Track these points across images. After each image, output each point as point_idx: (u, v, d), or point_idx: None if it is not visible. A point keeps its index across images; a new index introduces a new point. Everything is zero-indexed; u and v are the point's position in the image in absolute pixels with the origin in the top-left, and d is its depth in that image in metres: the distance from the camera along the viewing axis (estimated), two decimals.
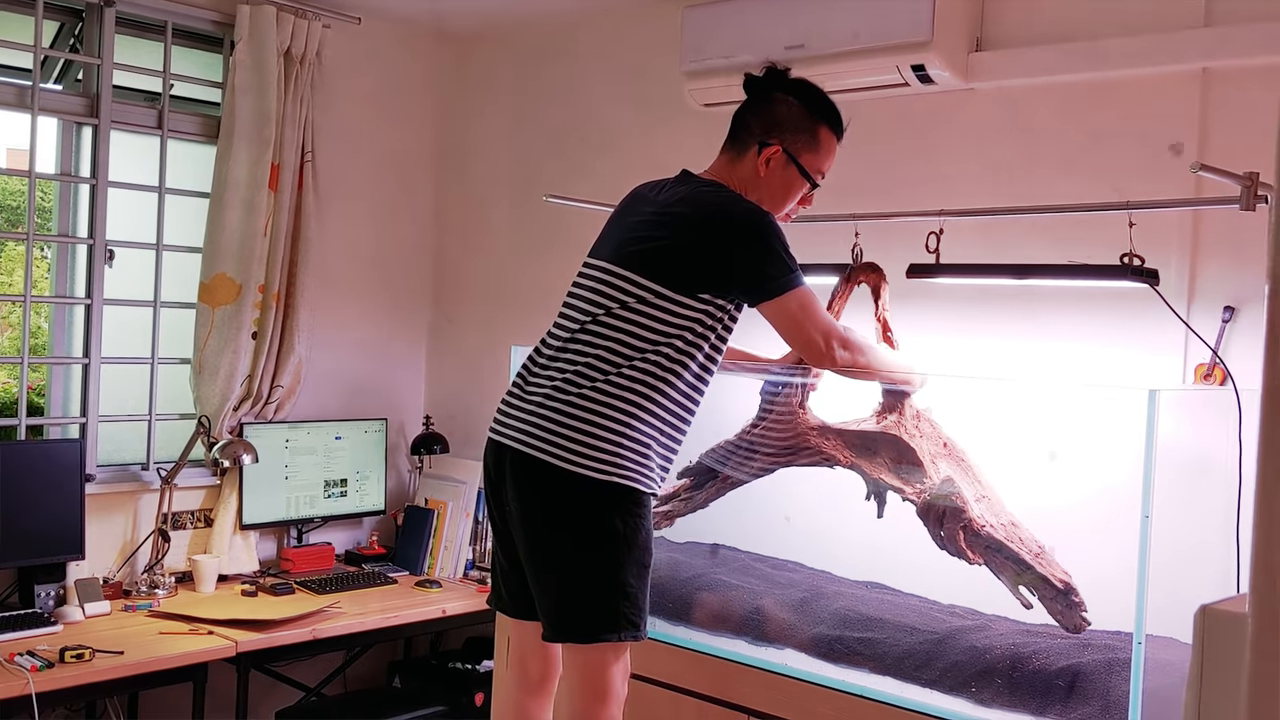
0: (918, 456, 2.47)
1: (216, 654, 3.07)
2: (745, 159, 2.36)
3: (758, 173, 2.35)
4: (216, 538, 3.68)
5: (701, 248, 2.24)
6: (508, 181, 4.19)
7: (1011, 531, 2.36)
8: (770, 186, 2.36)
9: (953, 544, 2.39)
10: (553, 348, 2.29)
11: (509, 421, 2.28)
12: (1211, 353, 2.52)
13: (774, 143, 2.34)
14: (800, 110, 2.36)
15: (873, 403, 2.61)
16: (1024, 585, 2.31)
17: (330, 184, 3.93)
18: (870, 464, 2.54)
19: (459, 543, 3.92)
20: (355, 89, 4.07)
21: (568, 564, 2.21)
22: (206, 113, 3.80)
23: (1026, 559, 2.32)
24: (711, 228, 2.25)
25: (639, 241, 2.27)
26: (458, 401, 4.29)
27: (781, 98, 2.37)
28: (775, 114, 2.36)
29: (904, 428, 2.51)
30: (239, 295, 3.66)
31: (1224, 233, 2.62)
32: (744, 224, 2.24)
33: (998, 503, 2.43)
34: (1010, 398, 2.62)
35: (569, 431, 2.18)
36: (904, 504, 2.50)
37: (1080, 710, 2.22)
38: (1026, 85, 2.93)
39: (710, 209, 2.27)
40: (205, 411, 3.65)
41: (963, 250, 2.67)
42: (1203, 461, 2.47)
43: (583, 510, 2.18)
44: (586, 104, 3.95)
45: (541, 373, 2.28)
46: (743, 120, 2.39)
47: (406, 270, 4.35)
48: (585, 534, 2.18)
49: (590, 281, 2.31)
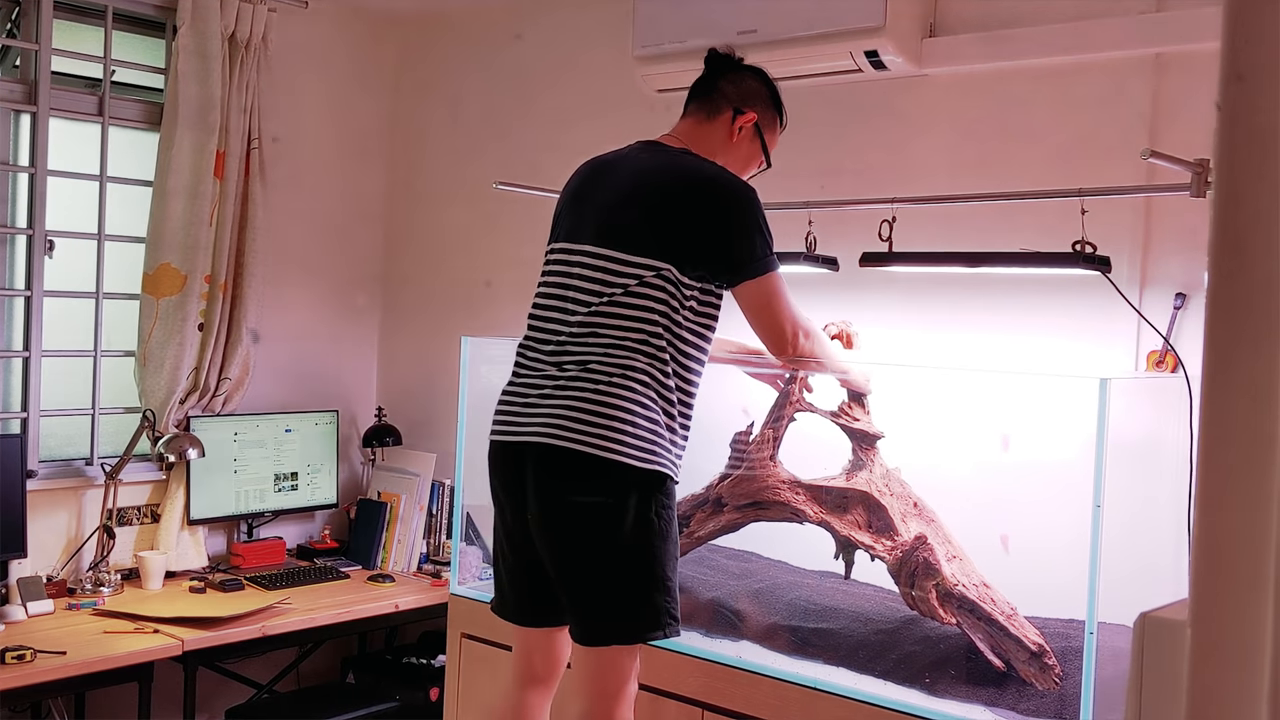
0: (889, 515, 2.45)
1: (162, 653, 3.01)
2: (717, 122, 2.33)
3: (729, 137, 2.33)
4: (164, 534, 3.61)
5: (696, 220, 2.18)
6: (458, 169, 4.13)
7: (984, 592, 2.34)
8: (737, 154, 2.34)
9: (925, 604, 2.36)
10: (557, 339, 2.21)
11: (525, 420, 2.18)
12: (1163, 340, 2.52)
13: (748, 111, 2.33)
14: (765, 91, 2.39)
15: (843, 459, 2.57)
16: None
17: (278, 171, 3.86)
18: (840, 521, 2.51)
19: (413, 536, 3.87)
20: (302, 75, 4.00)
21: (606, 562, 2.12)
22: (149, 99, 3.72)
23: (1000, 620, 2.30)
24: (704, 200, 2.20)
25: (628, 219, 2.20)
26: (411, 392, 4.24)
27: (750, 75, 2.38)
28: (749, 85, 2.37)
29: (874, 485, 2.49)
30: (184, 286, 3.59)
31: (1176, 220, 2.62)
32: (737, 198, 2.21)
33: (969, 563, 2.41)
34: (962, 386, 2.61)
35: (603, 420, 2.10)
36: (874, 562, 2.47)
37: (1034, 701, 2.21)
38: (980, 71, 2.91)
39: (700, 179, 2.22)
40: (150, 405, 3.57)
41: (919, 238, 2.65)
42: (1154, 448, 2.47)
43: (621, 501, 2.10)
44: (536, 90, 3.89)
45: (552, 367, 2.19)
46: (714, 85, 2.36)
47: (356, 259, 4.28)
48: (624, 528, 2.10)
49: (580, 268, 2.22)
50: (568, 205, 2.36)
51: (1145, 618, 0.92)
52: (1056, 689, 2.22)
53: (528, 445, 2.16)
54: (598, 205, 2.27)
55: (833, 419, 2.54)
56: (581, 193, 2.34)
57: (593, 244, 2.22)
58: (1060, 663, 2.25)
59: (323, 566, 3.77)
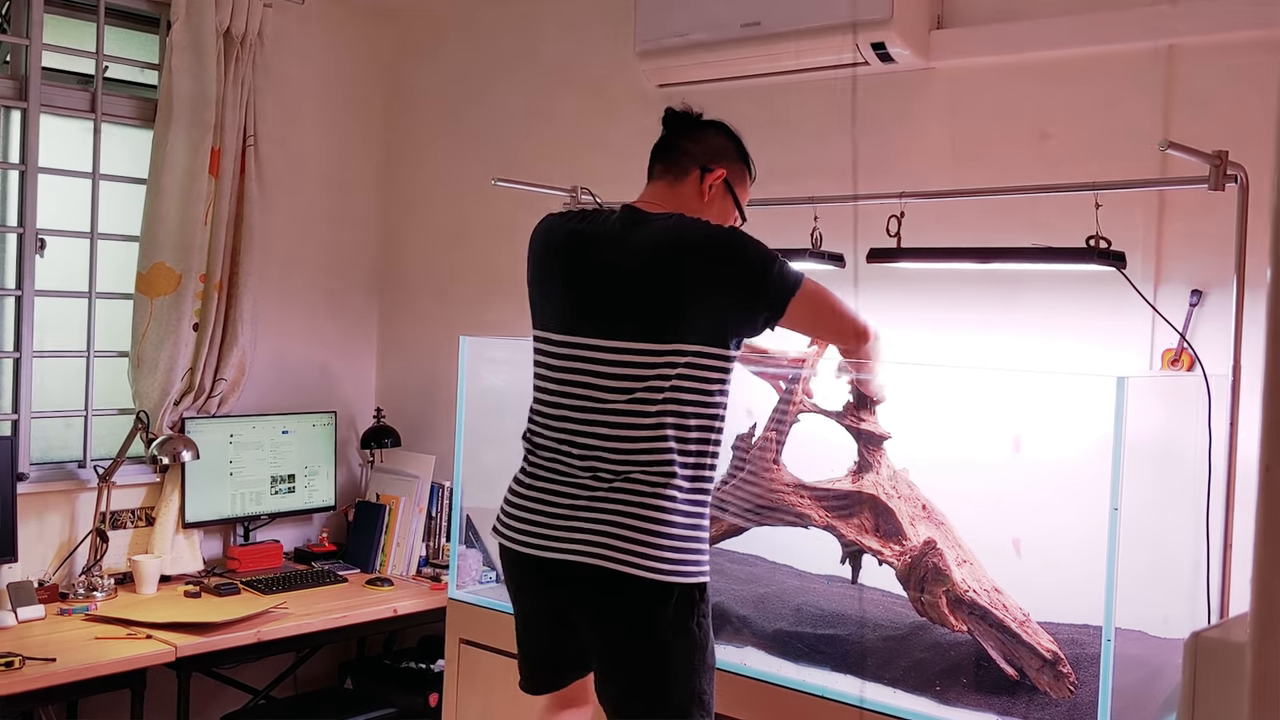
0: (896, 519, 2.37)
1: (154, 659, 2.94)
2: (685, 183, 2.22)
3: (700, 196, 2.21)
4: (158, 537, 3.55)
5: (719, 291, 2.05)
6: (456, 165, 4.07)
7: (995, 598, 2.27)
8: (710, 213, 2.21)
9: (935, 610, 2.29)
10: (584, 444, 2.08)
11: (559, 535, 2.08)
12: (1180, 337, 2.46)
13: (715, 168, 2.22)
14: (730, 145, 2.28)
15: (847, 460, 2.49)
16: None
17: (274, 169, 3.80)
18: (846, 525, 2.43)
19: (412, 539, 3.81)
20: (299, 71, 3.94)
21: (645, 677, 2.06)
22: (142, 95, 3.66)
23: (1012, 627, 2.23)
24: (719, 264, 2.06)
25: (643, 306, 2.06)
26: (410, 393, 4.18)
27: (713, 130, 2.27)
28: (712, 142, 2.25)
29: (881, 488, 2.41)
30: (179, 285, 3.53)
31: (1191, 214, 2.55)
32: (740, 246, 2.08)
33: (980, 568, 2.34)
34: (973, 385, 2.54)
35: (648, 537, 2.01)
36: (881, 567, 2.40)
37: (1048, 710, 2.14)
38: (989, 64, 2.85)
39: (704, 242, 2.07)
40: (144, 406, 3.51)
41: (926, 234, 2.59)
42: (1170, 449, 2.40)
43: (669, 621, 2.02)
44: (535, 85, 3.83)
45: (585, 475, 2.08)
46: (676, 145, 2.25)
47: (354, 258, 4.22)
48: (667, 646, 2.03)
49: (595, 364, 2.08)
50: (553, 287, 2.20)
51: (1198, 638, 0.86)
52: (1071, 698, 2.15)
53: (560, 562, 2.08)
54: (599, 291, 2.11)
55: (838, 420, 2.47)
56: (568, 273, 2.17)
57: (605, 337, 2.08)
58: (1075, 670, 2.19)
59: (320, 570, 3.70)
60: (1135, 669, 2.17)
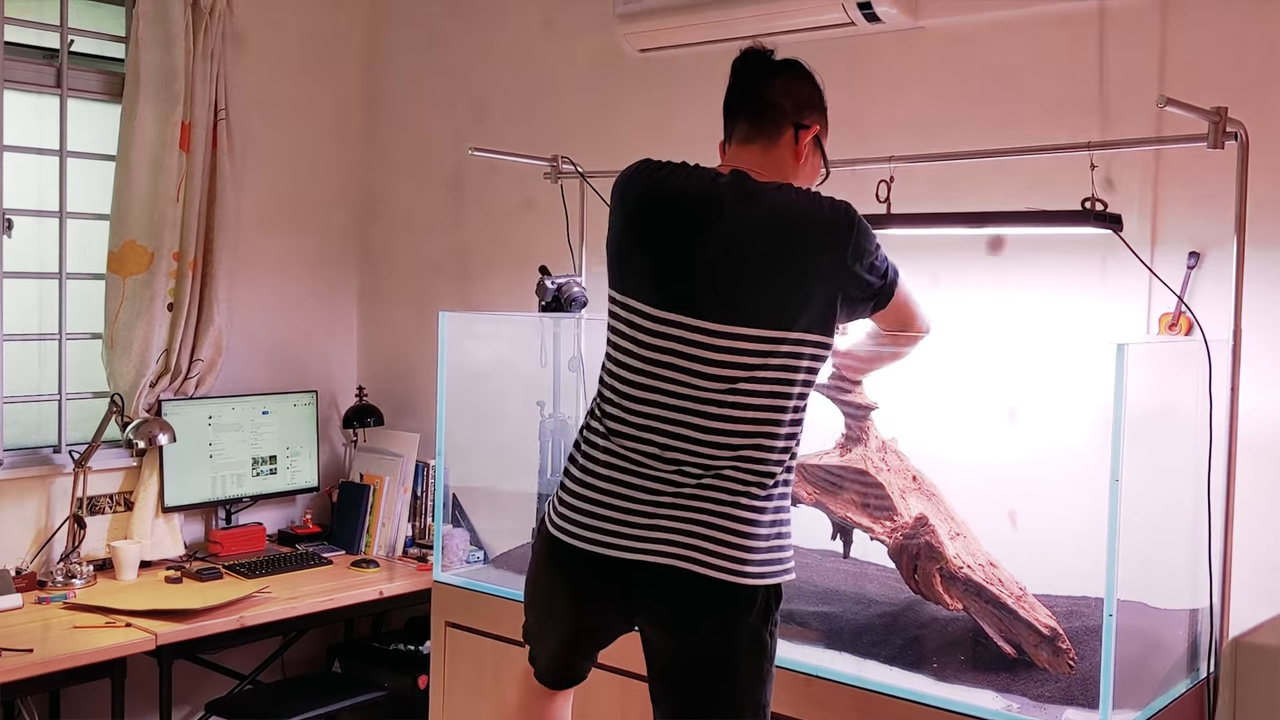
0: (886, 493, 2.29)
1: (134, 648, 2.88)
2: (781, 144, 2.01)
3: (795, 158, 2.02)
4: (137, 522, 3.48)
5: (837, 276, 1.90)
6: (434, 136, 3.97)
7: (991, 573, 2.20)
8: (803, 175, 2.05)
9: (929, 588, 2.21)
10: (671, 434, 1.91)
11: (637, 533, 1.91)
12: (1179, 301, 2.39)
13: (809, 124, 2.02)
14: (817, 91, 2.06)
15: (834, 433, 2.41)
16: None
17: (247, 143, 3.71)
18: (835, 501, 2.35)
19: (397, 519, 3.74)
20: (271, 41, 3.84)
21: (713, 685, 1.93)
22: (109, 69, 3.56)
23: (1008, 603, 2.16)
24: (838, 248, 1.89)
25: (766, 288, 1.89)
26: (392, 371, 4.10)
27: (795, 76, 2.04)
28: (800, 92, 2.03)
29: (870, 461, 2.33)
30: (151, 264, 3.44)
31: (1186, 174, 2.49)
32: (855, 227, 1.92)
33: (974, 541, 2.26)
34: (967, 354, 2.47)
35: (739, 538, 1.87)
36: (872, 543, 2.33)
37: (1048, 685, 2.09)
38: (978, 21, 2.76)
39: (822, 224, 1.90)
40: (119, 389, 3.43)
41: (916, 199, 2.51)
42: (1168, 416, 2.34)
43: (746, 627, 1.90)
44: (513, 52, 3.73)
45: (669, 468, 1.91)
46: (762, 98, 2.01)
47: (332, 233, 4.13)
48: (742, 655, 1.91)
49: (699, 348, 1.89)
50: (651, 252, 1.97)
51: (1238, 644, 0.79)
52: (1070, 674, 2.10)
53: (641, 565, 1.91)
54: (711, 267, 1.91)
55: (824, 393, 2.40)
56: (673, 240, 1.95)
57: (714, 320, 1.89)
58: (1074, 644, 2.14)
59: (304, 552, 3.64)
60: (1135, 641, 2.11)
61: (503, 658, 2.68)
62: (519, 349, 3.32)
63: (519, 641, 2.19)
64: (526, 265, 3.27)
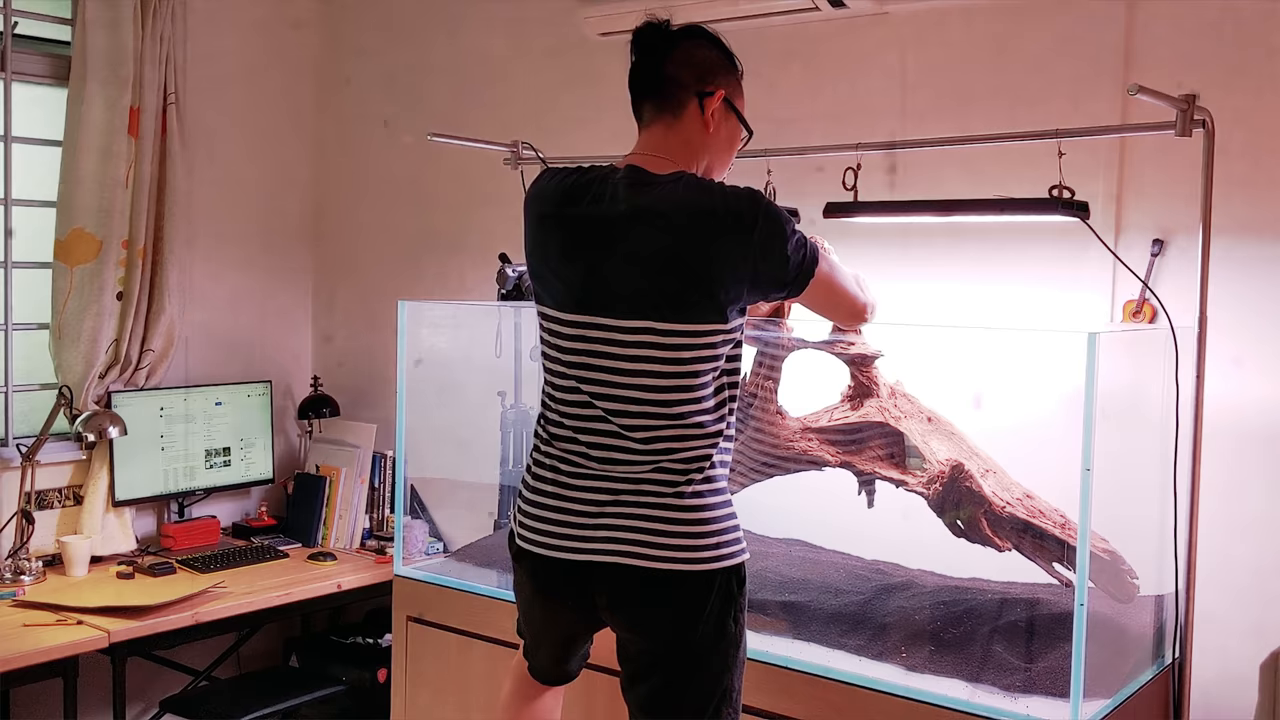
0: (910, 441, 2.24)
1: (86, 646, 2.81)
2: (685, 117, 1.96)
3: (705, 129, 1.97)
4: (87, 516, 3.40)
5: (742, 265, 1.86)
6: (391, 121, 3.91)
7: (1031, 505, 2.16)
8: (718, 143, 2.01)
9: (977, 533, 2.15)
10: (607, 434, 1.91)
11: (585, 535, 1.92)
12: (1144, 287, 2.40)
13: (713, 90, 1.96)
14: (716, 53, 2.00)
15: (840, 386, 2.35)
16: None
17: (198, 128, 3.62)
18: (860, 458, 2.30)
19: (355, 511, 3.69)
20: (222, 23, 3.75)
21: (680, 677, 1.92)
22: (55, 52, 3.46)
23: (1056, 534, 2.12)
24: (741, 237, 1.85)
25: (665, 282, 1.86)
26: (348, 360, 4.04)
27: (693, 42, 1.99)
28: (698, 58, 1.97)
29: (886, 412, 2.28)
30: (100, 252, 3.35)
31: (1151, 162, 2.49)
32: (762, 215, 1.87)
33: (1005, 475, 2.21)
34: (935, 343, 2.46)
35: (685, 526, 1.87)
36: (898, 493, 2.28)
37: (1016, 675, 2.09)
38: (944, 7, 2.75)
39: (724, 214, 1.86)
40: (67, 381, 3.34)
41: (883, 187, 2.49)
42: (1135, 403, 2.34)
43: (709, 616, 1.89)
44: (473, 35, 3.68)
45: (611, 467, 1.92)
46: (662, 74, 1.97)
47: (286, 220, 4.06)
48: (708, 645, 1.90)
49: (615, 346, 1.89)
50: (553, 261, 1.98)
51: (1278, 657, 0.77)
52: (1133, 597, 2.12)
53: (596, 565, 1.92)
54: (609, 267, 1.90)
55: (827, 350, 2.36)
56: (569, 246, 1.95)
57: (625, 317, 1.88)
58: (1043, 634, 2.13)
59: (260, 546, 3.57)
60: (1104, 628, 2.12)
61: (467, 652, 2.64)
62: (479, 338, 3.27)
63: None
64: (486, 252, 3.22)
